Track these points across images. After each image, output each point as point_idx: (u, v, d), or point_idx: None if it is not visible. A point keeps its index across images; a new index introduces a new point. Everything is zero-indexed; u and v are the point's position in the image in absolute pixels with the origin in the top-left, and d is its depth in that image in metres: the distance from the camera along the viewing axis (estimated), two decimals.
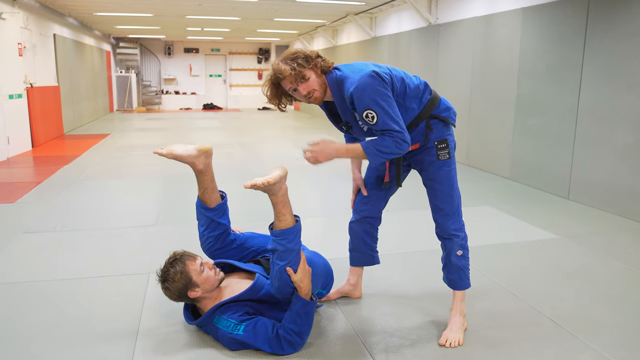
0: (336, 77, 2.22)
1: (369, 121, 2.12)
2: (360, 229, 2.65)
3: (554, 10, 5.21)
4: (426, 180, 2.45)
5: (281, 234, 2.18)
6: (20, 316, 2.59)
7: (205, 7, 9.70)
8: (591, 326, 2.52)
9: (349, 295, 2.81)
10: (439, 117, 2.35)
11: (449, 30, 7.27)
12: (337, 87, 2.22)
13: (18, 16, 7.95)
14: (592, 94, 4.77)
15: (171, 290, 2.27)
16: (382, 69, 2.20)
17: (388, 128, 2.11)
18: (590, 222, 4.34)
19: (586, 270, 3.28)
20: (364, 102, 2.10)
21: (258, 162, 7.23)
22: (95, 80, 13.73)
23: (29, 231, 3.99)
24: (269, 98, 2.30)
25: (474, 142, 6.78)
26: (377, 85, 2.10)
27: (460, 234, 2.42)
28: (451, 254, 2.43)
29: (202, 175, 2.50)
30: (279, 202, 2.18)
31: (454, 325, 2.41)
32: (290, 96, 2.29)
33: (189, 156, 2.45)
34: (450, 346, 2.32)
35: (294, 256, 2.21)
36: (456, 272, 2.45)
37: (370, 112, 2.10)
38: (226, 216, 2.58)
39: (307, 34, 14.99)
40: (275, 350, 2.21)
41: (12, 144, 7.54)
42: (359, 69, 2.17)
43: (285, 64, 2.18)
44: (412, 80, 2.31)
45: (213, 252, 2.58)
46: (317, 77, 2.21)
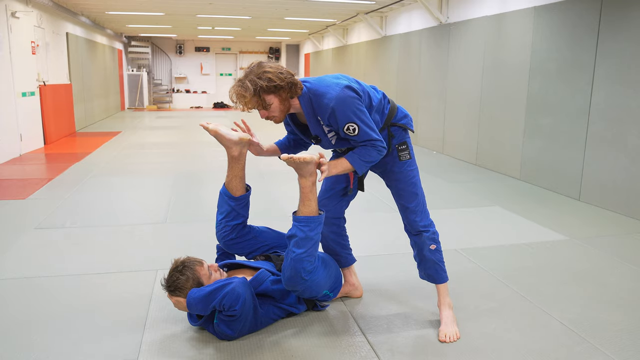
0: (308, 95, 2.21)
1: (350, 133, 2.18)
2: (328, 231, 2.64)
3: (566, 9, 5.16)
4: (390, 181, 2.51)
5: (304, 219, 2.21)
6: (29, 310, 2.62)
7: (216, 6, 9.73)
8: (601, 329, 2.49)
9: (350, 294, 2.81)
10: (398, 124, 2.42)
11: (459, 29, 7.23)
12: (310, 104, 2.22)
13: (32, 15, 8.04)
14: (605, 94, 4.71)
15: (181, 297, 2.27)
16: (352, 82, 2.24)
17: (369, 138, 2.20)
18: (601, 224, 4.29)
19: (596, 272, 3.24)
20: (346, 116, 2.15)
21: (266, 160, 7.24)
22: (106, 78, 13.84)
23: (40, 227, 4.03)
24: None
25: (483, 142, 6.73)
26: (355, 99, 2.17)
27: (429, 229, 2.47)
28: (424, 248, 2.48)
29: (235, 162, 2.50)
30: (307, 186, 2.22)
31: (447, 319, 2.47)
32: None
33: (229, 140, 2.46)
34: (450, 340, 2.37)
35: (311, 246, 2.23)
36: (432, 267, 2.50)
37: (352, 124, 2.17)
38: (247, 208, 2.58)
39: (317, 33, 14.98)
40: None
41: (25, 141, 7.62)
42: (332, 83, 2.19)
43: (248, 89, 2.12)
44: (376, 95, 2.37)
45: (227, 242, 2.57)
46: (279, 103, 2.20)
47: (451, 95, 7.54)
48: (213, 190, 5.50)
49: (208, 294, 2.16)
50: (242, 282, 2.22)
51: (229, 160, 2.51)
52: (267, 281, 2.40)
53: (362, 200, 4.37)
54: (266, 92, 2.14)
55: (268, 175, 6.07)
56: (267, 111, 2.20)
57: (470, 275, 3.09)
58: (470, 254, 3.47)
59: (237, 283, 2.18)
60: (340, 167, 2.27)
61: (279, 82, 2.14)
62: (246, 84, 2.13)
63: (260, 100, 2.15)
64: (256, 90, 2.12)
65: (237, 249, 2.60)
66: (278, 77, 2.14)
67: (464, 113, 7.19)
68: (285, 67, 2.21)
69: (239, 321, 2.25)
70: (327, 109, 2.16)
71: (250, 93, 2.12)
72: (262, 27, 13.95)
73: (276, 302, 2.44)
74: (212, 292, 2.16)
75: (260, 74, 2.14)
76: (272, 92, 2.16)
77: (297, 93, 2.21)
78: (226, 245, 2.59)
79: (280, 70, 2.17)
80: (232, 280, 2.21)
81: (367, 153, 2.23)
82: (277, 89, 2.15)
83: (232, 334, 2.28)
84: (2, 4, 6.95)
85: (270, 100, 2.17)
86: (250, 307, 2.27)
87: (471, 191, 5.35)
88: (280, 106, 2.20)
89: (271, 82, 2.13)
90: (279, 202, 4.81)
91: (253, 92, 2.13)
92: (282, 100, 2.19)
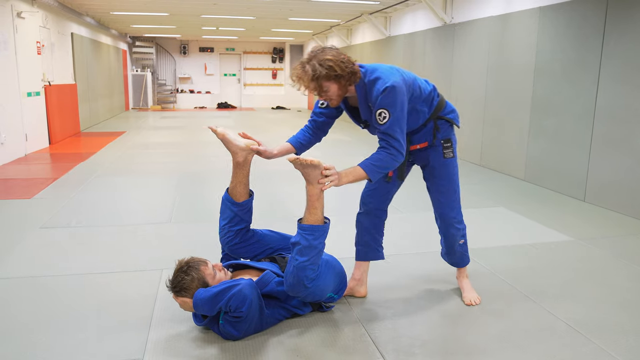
0: (364, 82, 2.28)
1: (379, 119, 2.23)
2: (369, 222, 2.71)
3: (572, 10, 5.15)
4: (430, 176, 2.59)
5: (309, 228, 2.21)
6: (34, 309, 2.63)
7: (221, 6, 9.75)
8: (607, 331, 2.48)
9: (353, 292, 2.77)
10: (445, 118, 2.51)
11: (464, 29, 7.22)
12: (364, 91, 2.29)
13: (37, 15, 8.07)
14: (610, 95, 4.69)
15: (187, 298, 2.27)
16: (406, 75, 2.31)
17: (391, 133, 2.23)
18: (606, 225, 4.27)
19: (602, 273, 3.23)
20: (386, 102, 2.21)
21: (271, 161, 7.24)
22: (111, 78, 13.87)
23: (45, 226, 4.05)
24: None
25: (488, 143, 6.72)
26: (402, 94, 2.24)
27: (461, 225, 2.67)
28: (455, 243, 2.69)
29: (240, 169, 2.52)
30: (314, 194, 2.22)
31: (467, 287, 2.79)
32: None
33: (236, 145, 2.47)
34: (475, 303, 2.69)
35: (315, 254, 2.23)
36: (459, 257, 2.77)
37: (385, 112, 2.21)
38: (250, 213, 2.59)
39: (321, 33, 14.99)
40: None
41: (30, 141, 7.65)
42: (389, 72, 2.26)
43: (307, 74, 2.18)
44: (426, 86, 2.45)
45: (231, 247, 2.59)
46: (337, 90, 2.26)
47: (456, 96, 7.52)
48: (217, 190, 5.51)
49: (215, 294, 2.17)
50: (249, 283, 2.22)
51: (233, 166, 2.52)
52: (273, 282, 2.40)
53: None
54: (325, 79, 2.20)
55: (275, 175, 6.07)
56: (325, 95, 2.26)
57: (475, 276, 3.08)
58: (474, 255, 3.46)
59: (244, 285, 2.18)
60: (352, 176, 2.25)
61: (340, 72, 2.20)
62: (307, 68, 2.19)
63: (318, 86, 2.22)
64: (315, 77, 2.18)
65: (242, 253, 2.61)
66: (339, 65, 2.19)
67: (468, 113, 7.17)
68: (346, 55, 2.26)
69: (244, 322, 2.25)
70: (378, 92, 2.22)
71: (309, 78, 2.19)
72: (266, 28, 13.96)
73: (281, 303, 2.44)
74: (219, 293, 2.16)
75: (323, 61, 2.18)
76: (332, 79, 2.21)
77: (355, 81, 2.27)
78: (231, 250, 2.60)
79: (342, 59, 2.22)
80: (239, 281, 2.21)
81: (381, 159, 2.25)
82: (337, 77, 2.21)
83: (237, 334, 2.28)
84: (8, 4, 6.98)
85: (328, 86, 2.23)
86: (257, 308, 2.27)
87: (475, 192, 5.33)
88: (338, 92, 2.27)
89: (332, 70, 2.18)
90: (284, 203, 4.82)
91: (312, 78, 2.19)
92: (340, 87, 2.26)
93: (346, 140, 9.62)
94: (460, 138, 8.04)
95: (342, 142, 9.23)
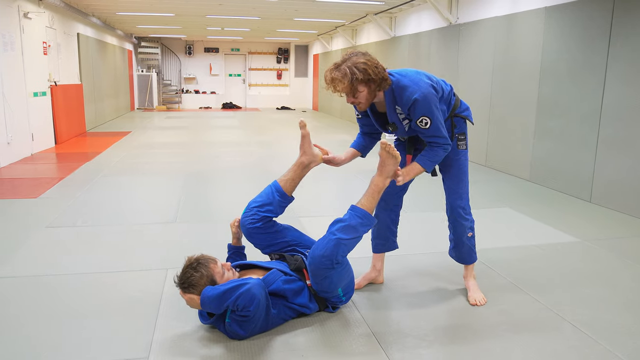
0: (392, 87, 2.39)
1: (422, 125, 2.40)
2: (387, 217, 2.86)
3: (578, 10, 5.13)
4: (445, 166, 2.71)
5: (362, 212, 2.38)
6: (40, 308, 2.64)
7: (226, 6, 9.77)
8: (613, 332, 2.47)
9: (374, 280, 2.96)
10: (461, 115, 2.65)
11: (469, 30, 7.20)
12: (392, 96, 2.41)
13: (43, 16, 8.11)
14: (616, 96, 4.67)
15: (195, 294, 2.28)
16: (432, 80, 2.43)
17: (438, 134, 2.42)
18: (612, 226, 4.25)
19: (608, 274, 3.21)
20: (423, 110, 2.36)
21: (276, 161, 7.25)
22: (117, 78, 13.92)
23: (51, 226, 4.06)
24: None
25: (493, 144, 6.70)
26: (435, 98, 2.39)
27: (469, 217, 2.74)
28: (463, 235, 2.75)
29: (300, 169, 2.63)
30: (379, 185, 2.42)
31: (473, 287, 2.82)
32: None
33: (311, 148, 2.63)
34: (480, 304, 2.71)
35: (354, 238, 2.35)
36: (467, 251, 2.80)
37: (426, 118, 2.38)
38: (282, 210, 2.65)
39: (326, 34, 14.99)
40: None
41: (36, 141, 7.69)
42: (417, 79, 2.38)
43: (344, 76, 2.27)
44: (445, 87, 2.58)
45: (250, 229, 2.58)
46: (368, 94, 2.36)
47: (461, 96, 7.46)
48: (223, 189, 5.52)
49: (223, 292, 2.17)
50: (257, 283, 2.22)
51: (297, 164, 2.64)
52: (279, 281, 2.40)
53: None
54: (359, 82, 2.29)
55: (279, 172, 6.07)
56: (355, 98, 2.36)
57: (481, 277, 3.07)
58: (480, 255, 3.44)
59: (252, 284, 2.18)
60: (413, 173, 2.51)
61: (373, 76, 2.29)
62: (343, 69, 2.28)
63: (352, 88, 2.31)
64: (351, 79, 2.27)
65: (257, 239, 2.61)
66: (373, 70, 2.29)
67: (474, 113, 7.14)
68: (379, 61, 2.35)
69: (251, 322, 2.25)
70: (409, 101, 2.35)
71: (346, 80, 2.28)
72: (271, 28, 13.98)
73: (288, 302, 2.44)
74: (227, 292, 2.16)
75: (358, 64, 2.28)
76: (364, 83, 2.31)
77: (385, 87, 2.38)
78: (248, 232, 2.59)
79: (376, 64, 2.32)
80: (247, 280, 2.21)
81: (435, 154, 2.47)
82: (369, 81, 2.31)
83: (243, 334, 2.28)
84: (15, 4, 7.02)
85: (361, 89, 2.32)
86: (264, 308, 2.27)
87: (481, 192, 5.32)
88: (368, 96, 2.37)
89: (366, 74, 2.28)
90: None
91: (348, 80, 2.28)
92: (370, 91, 2.36)
93: (350, 140, 9.59)
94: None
95: (346, 142, 9.21)
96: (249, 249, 2.87)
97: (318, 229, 2.88)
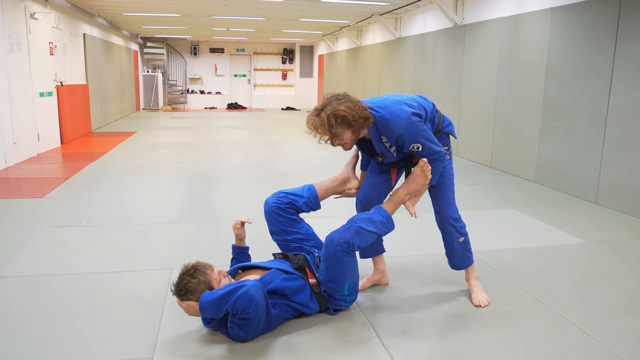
0: (375, 123, 2.44)
1: (415, 150, 2.47)
2: None
3: (584, 10, 5.10)
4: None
5: (385, 213, 2.51)
6: (44, 308, 2.65)
7: (231, 7, 9.78)
8: (619, 334, 2.45)
9: (379, 282, 2.97)
10: (444, 131, 2.69)
11: (475, 30, 7.18)
12: (376, 130, 2.46)
13: (50, 16, 8.15)
14: (623, 98, 4.64)
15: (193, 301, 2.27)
16: (413, 106, 2.47)
17: (433, 152, 2.50)
18: (619, 228, 4.23)
19: (615, 277, 3.19)
20: (412, 138, 2.43)
21: (282, 161, 7.26)
22: (122, 79, 13.97)
23: (57, 225, 4.08)
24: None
25: (499, 145, 6.68)
26: (419, 123, 2.44)
27: (459, 223, 2.75)
28: (454, 241, 2.76)
29: (339, 185, 2.80)
30: (401, 197, 2.55)
31: (476, 288, 2.82)
32: None
33: (354, 172, 2.84)
34: (483, 305, 2.71)
35: (373, 234, 2.43)
36: (460, 257, 2.80)
37: (417, 144, 2.46)
38: (308, 210, 2.74)
39: (331, 34, 14.99)
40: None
41: (42, 141, 7.72)
42: (397, 109, 2.42)
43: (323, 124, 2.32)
44: (428, 106, 2.61)
45: (273, 208, 2.68)
46: (351, 134, 2.41)
47: (466, 97, 7.49)
48: (228, 190, 5.53)
49: (221, 297, 2.16)
50: (254, 284, 2.21)
51: (338, 179, 2.80)
52: (278, 279, 2.40)
53: None
54: (340, 126, 2.34)
55: (283, 173, 6.07)
56: (340, 140, 2.41)
57: (486, 278, 3.06)
58: (485, 257, 3.44)
59: (250, 286, 2.18)
60: (421, 192, 2.63)
61: (353, 121, 2.34)
62: (322, 117, 2.33)
63: (333, 133, 2.36)
64: (331, 126, 2.33)
65: (275, 221, 2.68)
66: (352, 115, 2.33)
67: (479, 115, 7.13)
68: (359, 102, 2.38)
69: (252, 324, 2.24)
70: (394, 134, 2.42)
71: (324, 128, 2.33)
72: (276, 28, 13.99)
73: (288, 301, 2.43)
74: (224, 295, 2.16)
75: (338, 110, 2.32)
76: (346, 126, 2.35)
77: (368, 126, 2.43)
78: (270, 211, 2.67)
79: (356, 107, 2.34)
80: (245, 282, 2.21)
81: (436, 167, 2.54)
82: (350, 125, 2.35)
83: (246, 336, 2.28)
84: (22, 5, 7.06)
85: (342, 132, 2.37)
86: (264, 309, 2.26)
87: (486, 194, 5.30)
88: (352, 136, 2.42)
89: (345, 120, 2.33)
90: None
91: (328, 127, 2.33)
92: (354, 132, 2.41)
93: None
94: (470, 139, 8.03)
95: None
96: (252, 251, 2.88)
97: (319, 230, 2.88)
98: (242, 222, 2.72)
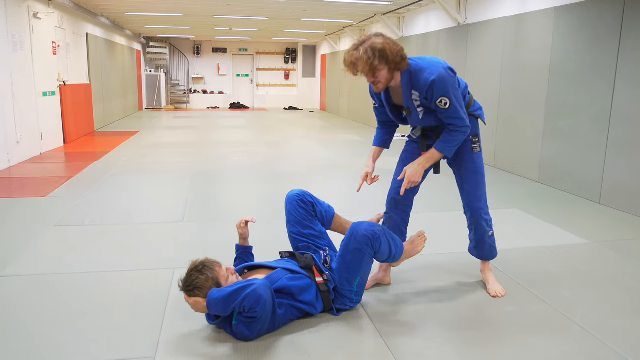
0: (410, 70, 2.42)
1: (442, 106, 2.41)
2: (399, 218, 2.87)
3: (588, 10, 5.08)
4: (460, 169, 2.75)
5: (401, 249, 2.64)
6: (46, 307, 2.65)
7: (234, 6, 9.79)
8: (623, 335, 2.44)
9: (382, 281, 2.95)
10: (474, 114, 2.66)
11: (478, 30, 7.17)
12: (409, 78, 2.43)
13: (53, 16, 8.16)
14: (626, 97, 4.63)
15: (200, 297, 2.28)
16: (450, 67, 2.45)
17: (457, 115, 2.44)
18: (622, 228, 4.21)
19: (618, 277, 3.18)
20: (442, 90, 2.38)
21: (284, 161, 7.25)
22: (125, 78, 13.99)
23: (59, 224, 4.08)
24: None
25: (502, 144, 6.66)
26: (453, 78, 2.42)
27: (489, 217, 2.80)
28: (485, 235, 2.81)
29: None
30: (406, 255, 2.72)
31: (492, 279, 2.89)
32: None
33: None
34: (500, 295, 2.78)
35: (388, 245, 2.51)
36: (488, 249, 2.86)
37: (445, 99, 2.40)
38: (318, 222, 2.82)
39: (334, 34, 14.98)
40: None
41: (45, 140, 7.74)
42: (434, 62, 2.42)
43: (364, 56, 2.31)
44: (462, 82, 2.60)
45: (295, 200, 2.75)
46: (387, 74, 2.39)
47: None
48: (230, 189, 5.53)
49: (229, 294, 2.16)
50: (263, 283, 2.21)
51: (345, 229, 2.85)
52: (284, 278, 2.40)
53: (378, 204, 4.35)
54: (379, 61, 2.32)
55: (284, 173, 6.06)
56: (374, 78, 2.39)
57: None
58: None
59: (258, 285, 2.18)
60: (433, 160, 2.56)
61: (391, 56, 2.33)
62: (361, 50, 2.32)
63: (372, 67, 2.33)
64: (370, 59, 2.30)
65: (294, 210, 2.75)
66: (392, 50, 2.33)
67: None
68: (397, 41, 2.39)
69: (258, 322, 2.24)
70: (427, 83, 2.37)
71: (364, 60, 2.31)
72: (279, 28, 13.99)
73: (294, 301, 2.43)
74: (233, 293, 2.16)
75: (376, 44, 2.32)
76: (383, 62, 2.34)
77: (403, 68, 2.41)
78: (292, 200, 2.75)
79: (394, 43, 2.36)
80: (253, 281, 2.20)
81: (454, 138, 2.49)
82: (388, 61, 2.34)
83: (250, 335, 2.28)
84: (25, 5, 7.08)
85: (380, 68, 2.35)
86: (270, 309, 2.26)
87: (489, 193, 5.24)
88: (387, 75, 2.40)
89: (384, 53, 2.31)
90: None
91: (367, 60, 2.31)
92: (389, 71, 2.38)
93: (357, 140, 9.60)
94: None
95: (354, 142, 9.21)
96: (256, 251, 2.88)
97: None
98: (247, 221, 2.71)
